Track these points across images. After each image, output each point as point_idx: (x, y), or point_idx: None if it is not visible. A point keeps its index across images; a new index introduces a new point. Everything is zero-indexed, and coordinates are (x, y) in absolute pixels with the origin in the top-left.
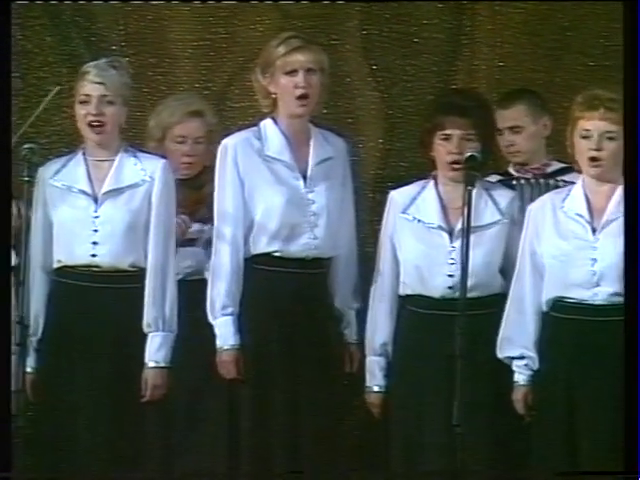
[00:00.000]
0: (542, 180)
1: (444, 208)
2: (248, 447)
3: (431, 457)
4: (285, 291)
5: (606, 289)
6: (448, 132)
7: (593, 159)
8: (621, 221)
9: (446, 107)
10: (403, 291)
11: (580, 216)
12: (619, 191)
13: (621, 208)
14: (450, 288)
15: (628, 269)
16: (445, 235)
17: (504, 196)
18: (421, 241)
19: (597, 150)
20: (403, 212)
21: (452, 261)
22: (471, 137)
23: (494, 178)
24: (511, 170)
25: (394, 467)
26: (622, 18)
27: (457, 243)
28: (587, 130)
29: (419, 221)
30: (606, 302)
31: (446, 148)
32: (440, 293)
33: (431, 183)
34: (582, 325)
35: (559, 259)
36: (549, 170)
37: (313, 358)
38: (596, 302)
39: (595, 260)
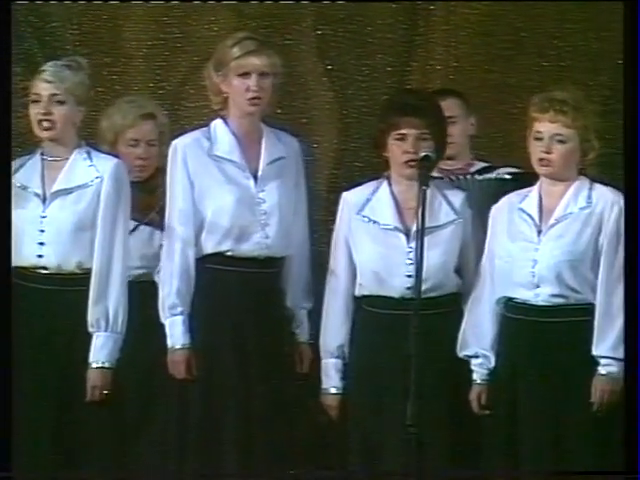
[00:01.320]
0: (467, 179)
1: (399, 209)
2: (199, 446)
3: (389, 457)
4: (236, 290)
5: (546, 290)
6: (403, 132)
7: (542, 160)
8: (567, 222)
9: (400, 107)
10: (360, 292)
11: (530, 217)
12: (569, 192)
13: (569, 209)
14: (409, 289)
15: (628, 270)
16: (402, 236)
17: (457, 195)
18: (378, 243)
19: (546, 152)
20: (358, 213)
21: (410, 262)
22: (426, 136)
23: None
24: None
25: (351, 467)
26: (622, 18)
27: (414, 243)
28: (539, 132)
29: (375, 222)
30: (547, 303)
31: (401, 148)
32: (399, 294)
33: (384, 184)
34: (528, 325)
35: (504, 260)
36: (472, 169)
37: (265, 357)
38: (538, 303)
39: (536, 261)
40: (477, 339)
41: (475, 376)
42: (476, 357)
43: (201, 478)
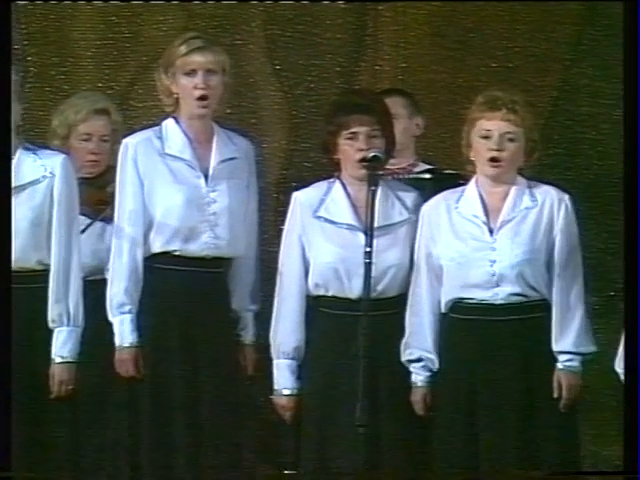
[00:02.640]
0: (410, 179)
1: (355, 208)
2: (147, 445)
3: (341, 458)
4: (184, 290)
5: (506, 289)
6: (354, 130)
7: (493, 159)
8: (517, 221)
9: (348, 107)
10: (315, 292)
11: (476, 217)
12: (513, 191)
13: (517, 209)
14: None
15: (628, 271)
16: (360, 234)
17: (408, 194)
18: (336, 242)
19: (498, 150)
20: (313, 214)
21: (368, 261)
22: (376, 133)
23: None
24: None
25: (303, 467)
26: (622, 18)
27: (373, 243)
28: (488, 130)
29: (332, 222)
30: (506, 302)
31: (353, 147)
32: (358, 294)
33: (337, 184)
34: (483, 325)
35: (457, 261)
36: (415, 170)
37: (211, 358)
38: (497, 302)
39: (494, 261)
40: (419, 341)
41: (417, 378)
42: (419, 360)
43: (151, 478)
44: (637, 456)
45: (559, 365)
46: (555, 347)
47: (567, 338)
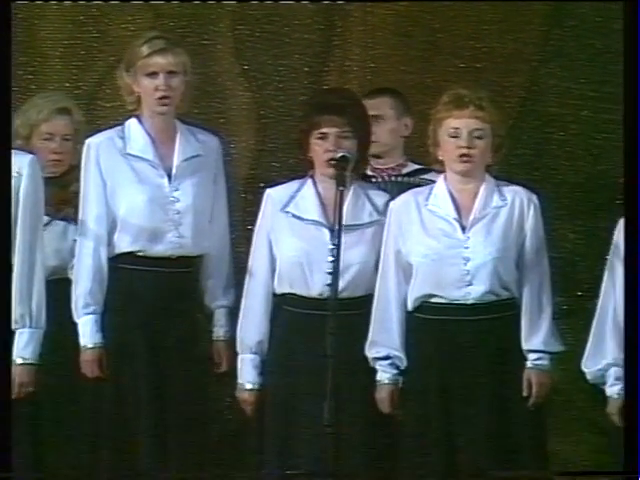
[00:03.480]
0: (399, 180)
1: (323, 205)
2: (113, 446)
3: (305, 457)
4: (149, 290)
5: (478, 288)
6: (325, 130)
7: (463, 156)
8: (489, 219)
9: (321, 106)
10: (280, 289)
11: (447, 214)
12: (483, 190)
13: (488, 207)
14: (329, 285)
15: (628, 271)
16: (325, 231)
17: (381, 196)
18: (301, 238)
19: (468, 147)
20: (282, 209)
21: (332, 258)
22: (347, 135)
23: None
24: (368, 172)
25: (267, 466)
26: (622, 18)
27: (337, 241)
28: (456, 129)
29: (299, 218)
30: (478, 301)
31: (323, 147)
32: (319, 290)
33: (309, 182)
34: (453, 325)
35: (430, 258)
36: (404, 171)
37: (179, 357)
38: (468, 302)
39: (468, 259)
40: (386, 339)
41: (383, 376)
42: (385, 358)
43: (117, 478)
44: (637, 456)
45: (529, 364)
46: (525, 346)
47: (537, 337)
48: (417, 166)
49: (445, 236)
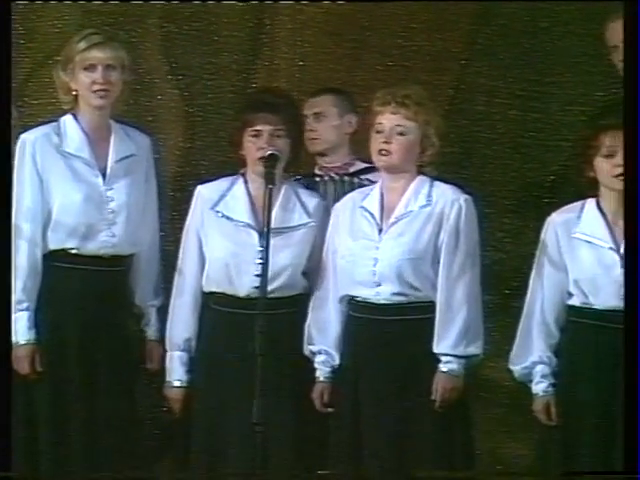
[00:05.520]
0: (347, 179)
1: (253, 206)
2: (45, 444)
3: (234, 455)
4: (82, 288)
5: (386, 288)
6: (258, 128)
7: (381, 151)
8: (406, 221)
9: (255, 104)
10: (207, 287)
11: (371, 215)
12: (410, 190)
13: (409, 207)
14: (256, 287)
15: (628, 272)
16: (254, 234)
17: (312, 198)
18: (229, 239)
19: (386, 142)
20: (212, 208)
21: (261, 261)
22: (280, 133)
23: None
24: (316, 170)
25: (196, 463)
26: (622, 18)
27: (268, 243)
28: (380, 124)
29: (228, 218)
30: (388, 301)
31: (256, 144)
32: (246, 292)
33: (240, 180)
34: (369, 323)
35: (347, 258)
36: (352, 169)
37: (111, 355)
38: (379, 301)
39: (377, 260)
40: (321, 336)
41: (318, 373)
42: (319, 354)
43: (48, 477)
44: (637, 456)
45: (440, 367)
46: (435, 349)
47: (446, 340)
48: (365, 164)
49: (363, 237)
